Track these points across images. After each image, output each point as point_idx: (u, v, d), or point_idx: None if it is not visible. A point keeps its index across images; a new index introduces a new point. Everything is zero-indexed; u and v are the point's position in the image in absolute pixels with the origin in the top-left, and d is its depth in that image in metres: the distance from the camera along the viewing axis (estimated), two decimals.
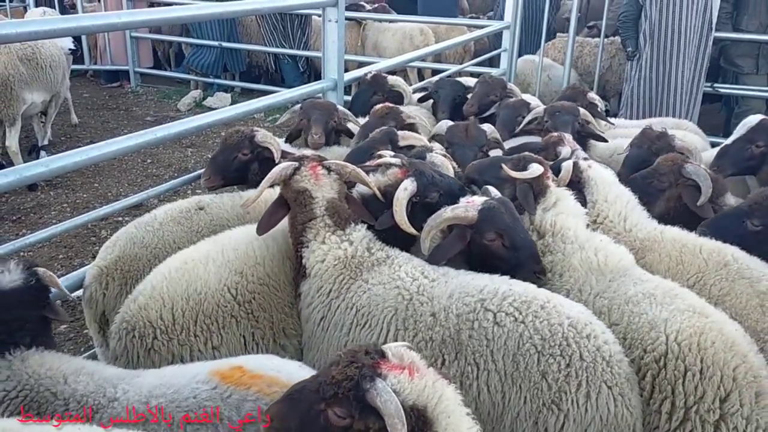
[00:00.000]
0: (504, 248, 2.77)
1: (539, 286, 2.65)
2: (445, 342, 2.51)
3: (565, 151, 3.78)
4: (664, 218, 3.35)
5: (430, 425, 1.72)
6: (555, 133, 4.05)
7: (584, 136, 4.43)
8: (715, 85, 7.36)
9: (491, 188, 3.10)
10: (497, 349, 2.42)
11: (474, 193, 3.15)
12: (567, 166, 3.35)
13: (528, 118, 4.22)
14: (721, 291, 2.77)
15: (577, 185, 3.31)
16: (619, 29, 7.44)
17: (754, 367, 2.35)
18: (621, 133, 4.90)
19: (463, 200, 2.88)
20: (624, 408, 2.32)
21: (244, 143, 3.86)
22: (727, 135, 7.35)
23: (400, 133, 3.90)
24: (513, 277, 2.71)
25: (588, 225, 3.15)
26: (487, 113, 5.12)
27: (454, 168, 3.47)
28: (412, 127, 4.25)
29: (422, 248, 2.86)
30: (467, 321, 2.49)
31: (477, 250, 2.81)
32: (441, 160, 3.41)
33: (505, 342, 2.41)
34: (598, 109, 5.10)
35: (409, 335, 2.57)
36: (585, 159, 3.51)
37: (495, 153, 4.06)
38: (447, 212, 2.82)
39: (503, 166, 3.22)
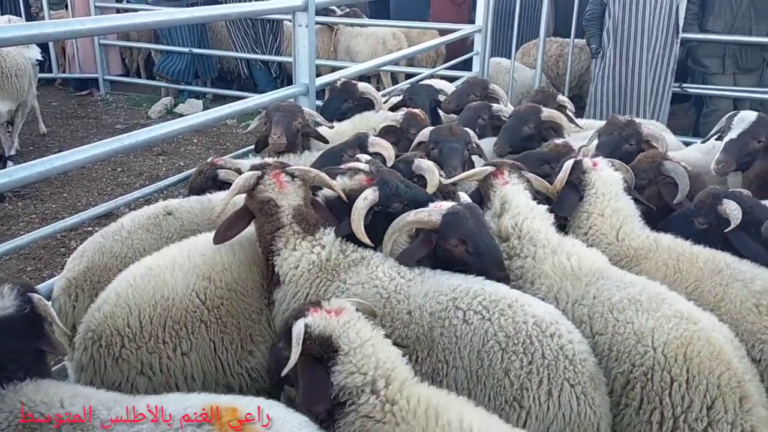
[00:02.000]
0: (468, 254, 2.76)
1: None
2: (419, 339, 2.55)
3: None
4: (644, 216, 3.36)
5: (335, 349, 2.23)
6: (558, 141, 4.03)
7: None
8: (684, 85, 7.46)
9: (462, 194, 3.10)
10: (464, 346, 2.46)
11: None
12: (566, 166, 3.31)
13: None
14: (716, 297, 2.78)
15: (578, 187, 3.28)
16: (584, 27, 7.52)
17: (738, 373, 2.37)
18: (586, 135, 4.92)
19: (432, 205, 2.87)
20: (587, 407, 2.33)
21: (207, 184, 3.88)
22: (696, 134, 7.51)
23: (370, 139, 3.88)
24: None
25: (578, 236, 3.17)
26: None
27: (441, 176, 3.43)
28: None
29: (384, 251, 2.87)
30: (439, 319, 2.53)
31: (442, 255, 2.81)
32: (428, 165, 3.39)
33: (471, 339, 2.45)
34: (567, 112, 5.13)
35: (386, 333, 2.55)
36: (594, 156, 3.44)
37: (476, 160, 4.04)
38: (410, 216, 2.82)
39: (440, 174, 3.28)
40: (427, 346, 2.54)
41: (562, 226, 3.31)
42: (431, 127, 4.19)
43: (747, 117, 3.99)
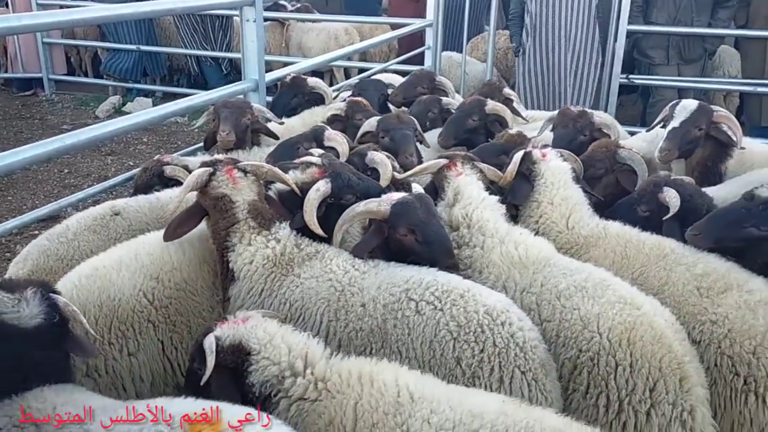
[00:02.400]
0: (417, 243, 2.79)
1: None
2: (372, 331, 2.56)
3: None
4: (602, 205, 3.44)
5: (247, 352, 2.27)
6: (513, 131, 4.07)
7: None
8: (630, 76, 7.61)
9: (415, 185, 3.11)
10: (416, 337, 2.49)
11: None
12: (516, 158, 3.37)
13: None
14: (661, 281, 2.86)
15: (528, 177, 3.33)
16: (507, 26, 7.61)
17: (678, 355, 2.44)
18: (532, 127, 4.99)
19: (384, 196, 2.90)
20: (538, 392, 2.38)
21: (153, 181, 3.81)
22: (643, 125, 7.67)
23: (326, 133, 3.86)
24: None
25: (529, 225, 3.23)
26: None
27: (395, 168, 3.46)
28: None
29: (334, 241, 2.90)
30: (392, 311, 2.55)
31: (393, 245, 2.84)
32: (381, 158, 3.41)
33: (424, 329, 2.48)
34: (514, 105, 5.19)
35: (341, 326, 2.62)
36: (544, 147, 3.49)
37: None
38: (360, 206, 2.86)
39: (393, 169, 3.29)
40: (380, 339, 2.56)
41: (516, 217, 3.36)
42: (377, 117, 4.20)
43: (689, 105, 4.09)
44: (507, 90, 5.34)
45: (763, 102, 7.25)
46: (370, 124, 4.15)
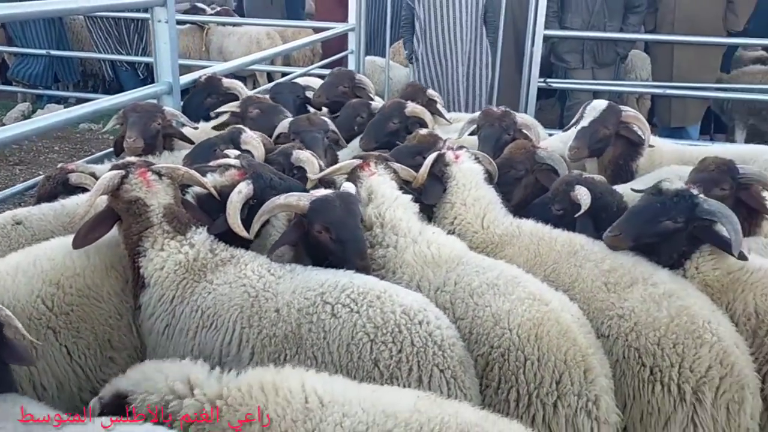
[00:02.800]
0: (331, 241, 2.79)
1: None
2: (287, 337, 2.51)
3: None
4: (523, 205, 3.50)
5: (124, 396, 2.16)
6: (423, 131, 4.07)
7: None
8: (548, 80, 7.77)
9: (346, 183, 3.11)
10: (332, 340, 2.45)
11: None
12: (428, 159, 3.39)
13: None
14: (571, 277, 2.92)
15: (440, 179, 3.36)
16: (400, 34, 7.58)
17: (583, 348, 2.51)
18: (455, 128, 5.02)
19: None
20: (457, 389, 2.38)
21: (57, 190, 3.63)
22: (562, 127, 7.87)
23: (243, 136, 3.76)
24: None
25: (444, 226, 3.25)
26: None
27: (321, 167, 3.43)
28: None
29: (251, 232, 2.89)
30: (307, 315, 2.51)
31: (311, 242, 2.84)
32: (306, 156, 3.38)
33: (340, 332, 2.45)
34: (437, 106, 5.23)
35: (254, 332, 2.56)
36: (458, 149, 3.51)
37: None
38: (281, 199, 2.86)
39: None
40: (295, 344, 2.51)
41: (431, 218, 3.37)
42: (289, 119, 4.17)
43: (598, 106, 4.23)
44: (430, 91, 5.37)
45: (672, 104, 7.56)
46: (282, 126, 4.11)
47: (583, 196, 3.16)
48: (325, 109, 5.17)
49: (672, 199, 2.91)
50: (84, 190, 3.56)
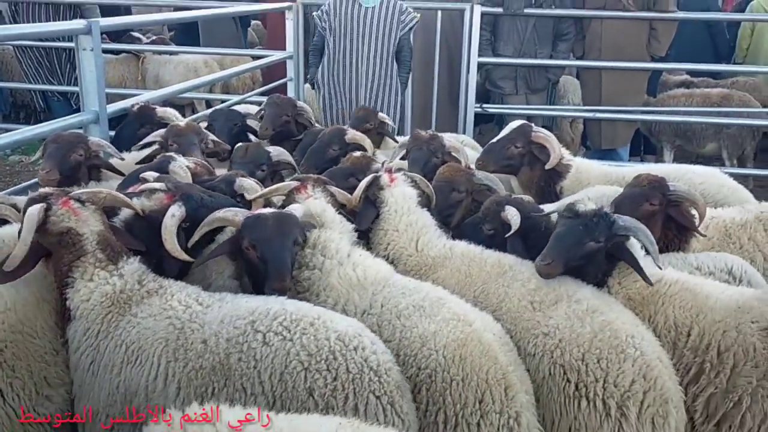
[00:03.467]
0: (258, 260, 2.79)
1: None
2: (214, 369, 2.44)
3: (376, 167, 3.84)
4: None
5: None
6: (357, 153, 4.10)
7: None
8: (484, 105, 7.96)
9: (294, 205, 3.13)
10: (264, 369, 2.38)
11: None
12: (362, 183, 3.42)
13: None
14: (499, 298, 2.95)
15: (374, 203, 3.38)
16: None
17: (503, 365, 2.55)
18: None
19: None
20: (394, 416, 2.35)
21: None
22: None
23: (173, 164, 3.67)
24: (260, 292, 2.76)
25: (379, 252, 3.28)
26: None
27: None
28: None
29: (189, 242, 2.92)
30: (237, 344, 2.44)
31: (244, 257, 2.86)
32: (249, 183, 3.38)
33: (272, 361, 2.38)
34: (388, 128, 5.31)
35: (179, 366, 2.48)
36: (395, 171, 3.53)
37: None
38: (219, 213, 2.91)
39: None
40: (223, 376, 2.43)
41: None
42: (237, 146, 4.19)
43: (512, 125, 4.41)
44: (382, 114, 5.43)
45: (602, 127, 7.81)
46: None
47: (513, 216, 3.22)
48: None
49: (592, 220, 2.97)
50: (4, 221, 3.42)
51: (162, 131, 4.38)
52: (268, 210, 2.98)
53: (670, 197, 3.40)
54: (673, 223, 3.44)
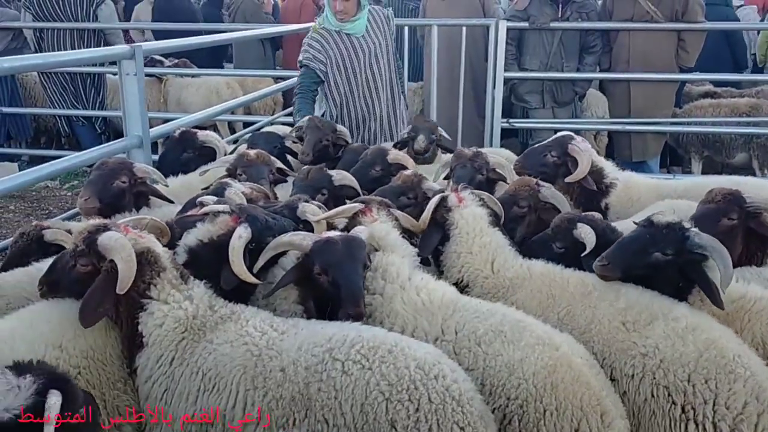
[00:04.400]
0: (329, 284, 2.74)
1: None
2: (294, 399, 2.36)
3: (428, 185, 3.77)
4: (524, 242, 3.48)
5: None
6: (408, 171, 4.03)
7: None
8: (511, 120, 7.95)
9: (359, 227, 3.05)
10: (345, 400, 2.30)
11: None
12: (430, 204, 3.34)
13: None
14: (587, 319, 2.86)
15: (443, 226, 3.30)
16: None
17: (596, 390, 2.46)
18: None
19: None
20: None
21: (32, 248, 3.42)
22: None
23: (228, 190, 3.62)
24: (335, 318, 2.69)
25: (452, 275, 3.22)
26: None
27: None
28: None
29: (255, 266, 2.89)
30: (316, 373, 2.37)
31: (313, 284, 2.80)
32: (312, 209, 3.29)
33: (353, 391, 2.30)
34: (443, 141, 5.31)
35: (259, 395, 2.41)
36: (462, 191, 3.45)
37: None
38: (287, 237, 2.86)
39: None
40: (303, 407, 2.35)
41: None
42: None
43: (557, 135, 4.41)
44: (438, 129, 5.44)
45: (632, 139, 7.77)
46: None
47: (587, 234, 3.13)
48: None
49: (662, 231, 2.91)
50: (59, 247, 3.37)
51: (230, 158, 4.33)
52: (335, 233, 2.92)
53: (748, 209, 3.29)
54: (755, 236, 3.33)
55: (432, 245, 3.31)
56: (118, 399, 2.60)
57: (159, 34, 10.39)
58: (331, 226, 3.28)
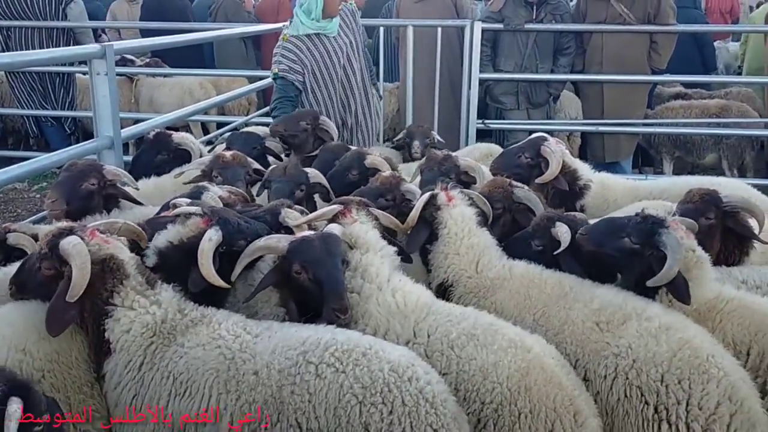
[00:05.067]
0: (310, 282, 2.74)
1: None
2: (267, 403, 2.35)
3: (406, 187, 3.74)
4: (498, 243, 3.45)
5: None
6: (386, 173, 3.99)
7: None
8: (486, 121, 7.97)
9: (332, 225, 3.04)
10: (318, 403, 2.29)
11: None
12: (420, 201, 3.33)
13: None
14: (561, 320, 2.87)
15: (431, 224, 3.29)
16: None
17: (569, 390, 2.48)
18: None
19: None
20: None
21: None
22: None
23: (205, 194, 3.55)
24: (319, 315, 2.69)
25: (439, 275, 3.24)
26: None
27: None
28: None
29: (233, 275, 2.87)
30: (289, 376, 2.36)
31: (293, 285, 2.78)
32: (294, 215, 3.25)
33: (326, 395, 2.29)
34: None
35: (232, 398, 2.39)
36: (452, 189, 3.43)
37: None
38: (261, 242, 2.84)
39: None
40: (276, 410, 2.34)
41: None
42: (273, 166, 4.10)
43: (531, 137, 4.46)
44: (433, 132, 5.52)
45: (605, 140, 7.84)
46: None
47: (563, 233, 3.15)
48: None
49: (637, 219, 2.96)
50: (23, 252, 3.29)
51: (205, 159, 4.25)
52: (310, 232, 2.92)
53: (725, 209, 3.34)
54: (733, 235, 3.38)
55: (419, 242, 3.31)
56: (84, 403, 2.56)
57: (146, 34, 10.19)
58: (311, 229, 3.26)
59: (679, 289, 2.81)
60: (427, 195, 3.36)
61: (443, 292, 3.26)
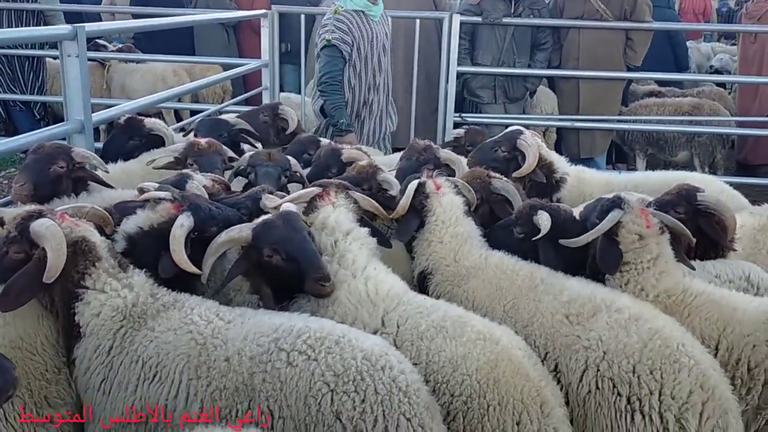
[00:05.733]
0: (284, 261, 2.72)
1: None
2: (238, 390, 2.33)
3: (383, 176, 3.72)
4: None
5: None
6: (363, 162, 3.96)
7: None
8: (463, 114, 7.97)
9: (287, 204, 3.03)
10: (289, 391, 2.28)
11: None
12: (409, 189, 3.32)
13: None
14: (530, 313, 2.87)
15: (420, 212, 3.29)
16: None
17: (535, 381, 2.49)
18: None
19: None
20: None
21: None
22: None
23: (189, 183, 3.50)
24: (301, 292, 2.73)
25: (421, 263, 3.25)
26: None
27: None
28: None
29: (202, 276, 2.82)
30: (260, 363, 2.34)
31: (266, 272, 2.75)
32: (276, 201, 3.22)
33: (297, 383, 2.28)
34: None
35: (202, 384, 2.37)
36: (438, 177, 3.44)
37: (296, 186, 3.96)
38: (222, 237, 2.79)
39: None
40: (247, 397, 2.32)
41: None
42: (251, 152, 4.08)
43: (507, 130, 4.47)
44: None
45: (580, 136, 7.90)
46: (243, 159, 4.07)
47: (544, 221, 3.16)
48: None
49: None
50: None
51: (179, 146, 4.18)
52: (267, 216, 2.90)
53: (698, 206, 3.36)
54: (707, 235, 3.38)
55: (410, 231, 3.32)
56: (46, 390, 2.52)
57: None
58: None
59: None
60: (415, 182, 3.35)
61: (423, 279, 3.27)
